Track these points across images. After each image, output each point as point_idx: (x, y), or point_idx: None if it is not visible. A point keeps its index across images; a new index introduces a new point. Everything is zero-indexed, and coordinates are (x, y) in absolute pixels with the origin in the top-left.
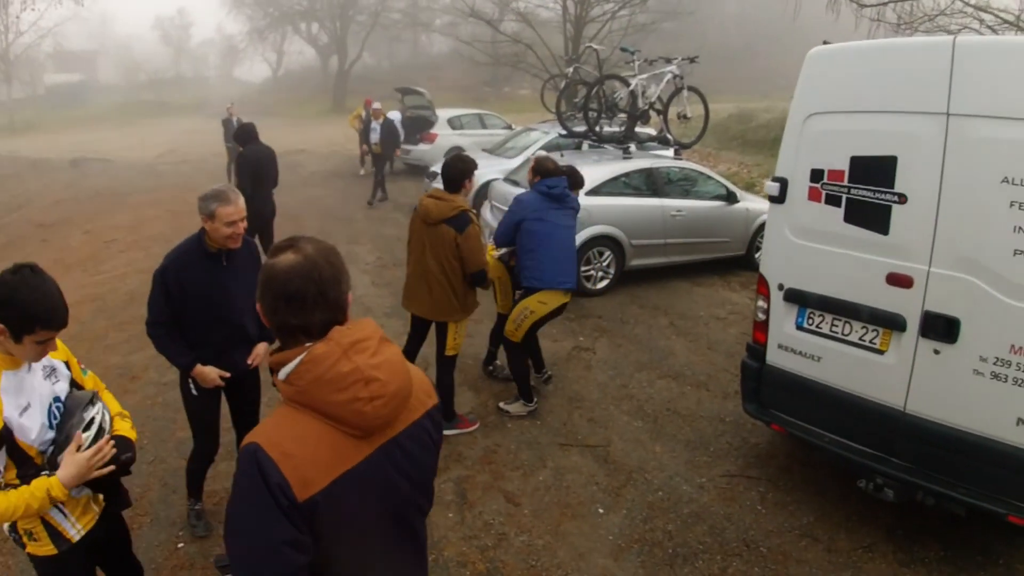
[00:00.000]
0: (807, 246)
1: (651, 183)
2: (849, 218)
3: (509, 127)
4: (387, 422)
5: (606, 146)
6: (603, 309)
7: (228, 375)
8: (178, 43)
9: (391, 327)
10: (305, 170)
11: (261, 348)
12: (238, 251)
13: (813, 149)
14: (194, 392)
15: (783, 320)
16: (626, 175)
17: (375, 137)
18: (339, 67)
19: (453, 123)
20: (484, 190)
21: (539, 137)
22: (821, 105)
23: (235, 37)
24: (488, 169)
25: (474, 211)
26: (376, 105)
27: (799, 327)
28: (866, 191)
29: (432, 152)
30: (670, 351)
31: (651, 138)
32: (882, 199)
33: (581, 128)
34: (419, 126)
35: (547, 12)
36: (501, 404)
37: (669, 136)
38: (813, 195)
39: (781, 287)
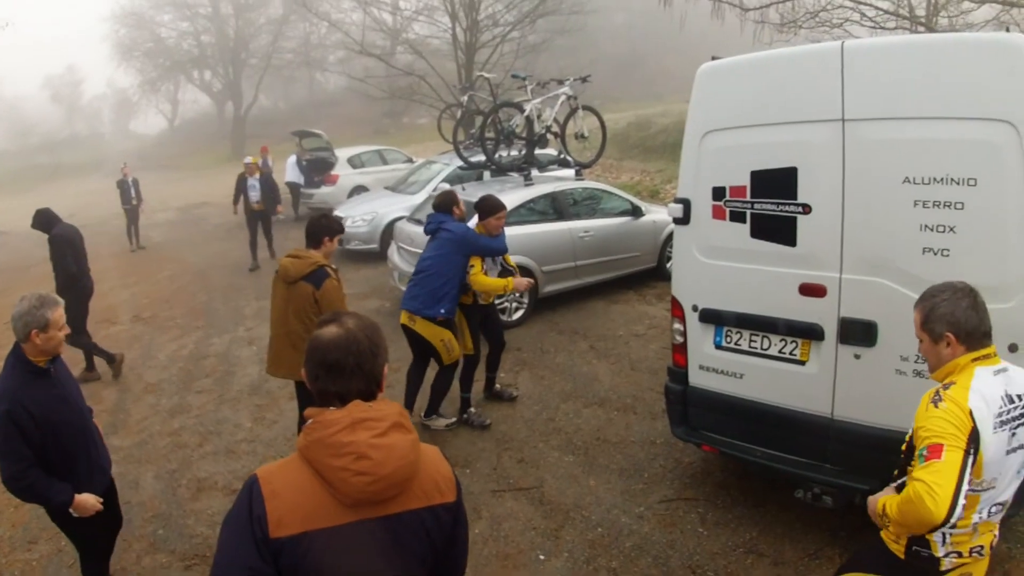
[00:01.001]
0: (717, 265)
1: (556, 207)
2: (756, 233)
3: (410, 160)
4: (374, 500)
5: (509, 174)
6: (522, 340)
7: (102, 500)
8: (70, 101)
9: None
10: (209, 224)
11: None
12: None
13: (713, 167)
14: (75, 516)
15: (701, 341)
16: (530, 202)
17: (255, 195)
18: (235, 112)
19: (353, 162)
20: (391, 230)
21: (441, 169)
22: (716, 122)
23: (127, 90)
24: (393, 208)
25: (332, 266)
26: (248, 159)
27: (718, 346)
28: (769, 205)
29: (336, 194)
30: (593, 376)
31: (552, 161)
32: (786, 211)
33: (480, 158)
34: (319, 168)
35: (437, 41)
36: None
37: (569, 158)
38: (717, 213)
39: (695, 308)
